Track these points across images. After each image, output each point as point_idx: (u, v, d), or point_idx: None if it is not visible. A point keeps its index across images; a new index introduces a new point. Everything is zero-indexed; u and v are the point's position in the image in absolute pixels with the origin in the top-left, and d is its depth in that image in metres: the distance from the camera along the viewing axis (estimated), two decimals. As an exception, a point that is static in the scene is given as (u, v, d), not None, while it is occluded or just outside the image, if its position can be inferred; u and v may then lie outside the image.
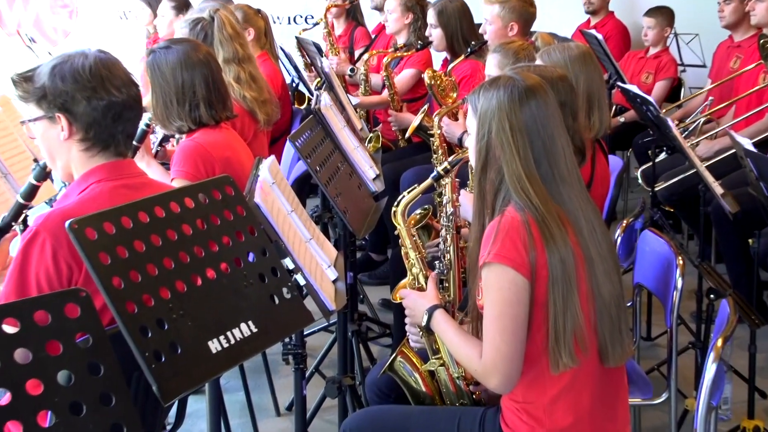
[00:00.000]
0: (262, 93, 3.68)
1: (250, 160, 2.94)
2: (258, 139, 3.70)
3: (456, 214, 2.45)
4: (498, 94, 2.00)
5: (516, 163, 1.97)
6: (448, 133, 3.85)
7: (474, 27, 4.44)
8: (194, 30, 3.58)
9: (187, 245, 1.68)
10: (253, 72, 3.65)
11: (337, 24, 5.98)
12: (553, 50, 2.80)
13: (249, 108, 3.61)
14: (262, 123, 3.66)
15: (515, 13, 4.05)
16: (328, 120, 3.18)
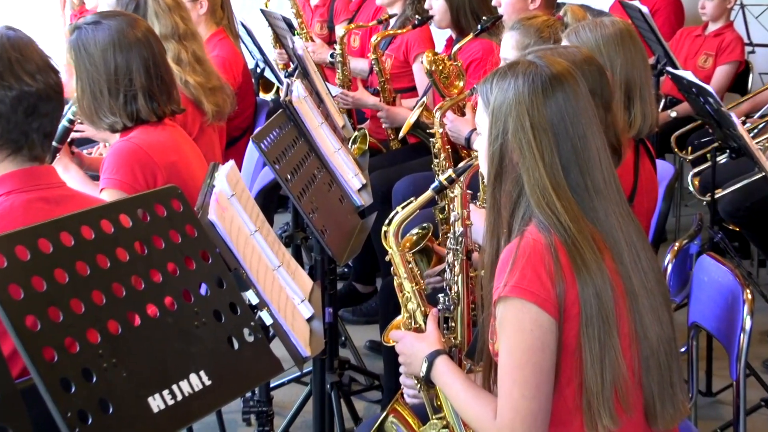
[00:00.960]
0: (209, 78, 3.71)
1: (202, 167, 2.96)
2: (205, 137, 3.72)
3: (467, 236, 2.47)
4: (516, 84, 2.02)
5: (539, 170, 1.99)
6: (453, 131, 3.87)
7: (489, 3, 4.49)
8: (122, 0, 3.62)
9: (123, 275, 1.69)
10: (197, 52, 3.69)
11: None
12: (583, 28, 2.83)
13: (193, 97, 3.64)
14: (210, 116, 3.69)
15: None
16: (301, 115, 3.20)
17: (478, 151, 2.16)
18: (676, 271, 3.05)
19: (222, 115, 3.78)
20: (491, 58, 4.20)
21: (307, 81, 3.74)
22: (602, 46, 2.78)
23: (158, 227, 1.80)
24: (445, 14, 4.50)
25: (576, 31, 2.85)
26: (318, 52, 5.37)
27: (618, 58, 2.77)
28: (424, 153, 4.31)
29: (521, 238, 1.99)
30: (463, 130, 3.88)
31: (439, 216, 3.51)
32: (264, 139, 2.84)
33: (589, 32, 2.81)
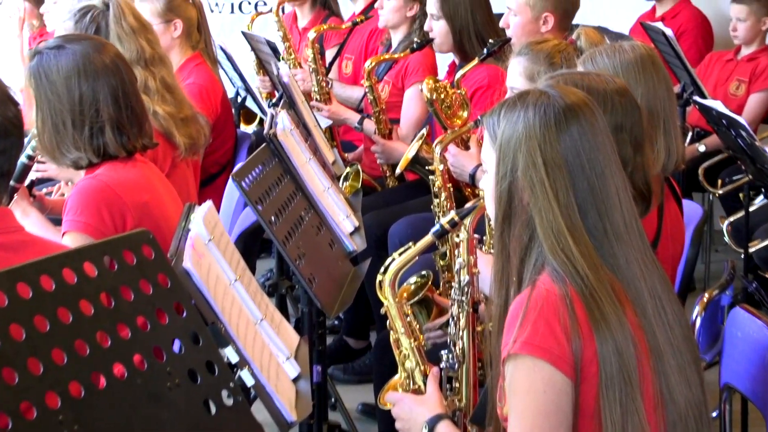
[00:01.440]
0: (180, 107, 3.73)
1: (177, 208, 2.97)
2: (178, 173, 3.73)
3: (473, 285, 2.47)
4: (526, 116, 2.04)
5: (553, 211, 2.00)
6: (456, 167, 3.89)
7: (492, 19, 4.54)
8: (81, 23, 3.64)
9: (86, 330, 1.69)
10: (166, 78, 3.71)
11: (300, 13, 6.11)
12: (600, 54, 2.85)
13: (163, 128, 3.65)
14: (182, 149, 3.71)
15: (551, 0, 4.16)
16: (287, 150, 3.22)
17: (484, 191, 2.17)
18: (705, 326, 3.05)
19: (196, 148, 3.79)
20: (498, 86, 4.22)
21: (294, 112, 3.77)
22: (621, 73, 2.78)
23: (127, 276, 1.80)
24: (447, 37, 4.53)
25: (592, 57, 2.86)
26: (306, 80, 5.41)
27: (639, 86, 2.77)
28: (423, 192, 4.31)
29: (533, 287, 1.99)
30: (467, 165, 3.89)
31: (440, 263, 3.52)
32: (245, 176, 2.85)
33: (606, 58, 2.83)
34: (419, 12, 5.04)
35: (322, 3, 6.06)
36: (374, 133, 4.78)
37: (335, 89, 5.34)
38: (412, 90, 4.95)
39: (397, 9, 5.07)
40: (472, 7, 4.49)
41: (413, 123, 4.88)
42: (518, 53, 3.36)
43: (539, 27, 4.15)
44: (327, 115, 5.05)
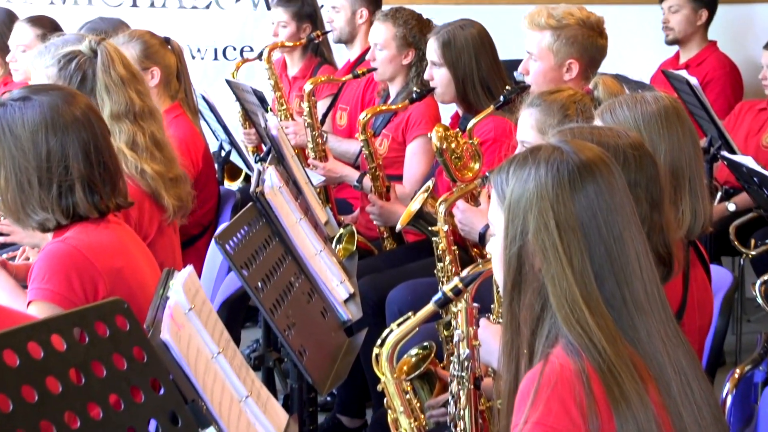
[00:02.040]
0: (170, 166, 3.74)
1: (154, 274, 2.97)
2: (164, 239, 3.74)
3: (474, 359, 2.48)
4: (537, 174, 2.06)
5: (567, 279, 2.01)
6: (465, 225, 3.91)
7: (498, 65, 4.58)
8: (66, 70, 3.63)
9: (53, 410, 1.68)
10: (156, 134, 3.72)
11: (290, 60, 6.19)
12: (620, 105, 2.86)
13: (151, 189, 3.66)
14: (170, 212, 3.71)
15: (577, 46, 4.18)
16: (275, 209, 3.23)
17: (492, 255, 2.18)
18: (737, 405, 3.04)
19: (184, 211, 3.80)
20: (506, 140, 4.24)
21: (283, 168, 3.78)
22: (643, 126, 2.78)
23: (99, 350, 1.80)
24: (449, 86, 4.55)
25: (611, 109, 2.87)
26: (300, 134, 5.45)
27: (662, 141, 2.77)
28: (425, 254, 4.32)
29: (545, 362, 2.00)
30: (476, 224, 3.91)
31: (444, 333, 3.51)
32: (229, 238, 2.86)
33: (626, 110, 2.83)
34: (415, 58, 5.11)
35: (314, 50, 6.14)
36: (371, 193, 4.77)
37: (330, 143, 5.39)
38: (416, 143, 4.99)
39: (391, 59, 5.14)
40: (476, 53, 4.52)
41: (417, 179, 4.91)
42: (530, 104, 3.38)
43: (562, 75, 4.17)
44: (323, 173, 5.10)
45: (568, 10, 4.21)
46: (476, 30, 4.56)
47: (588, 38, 4.18)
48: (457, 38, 4.52)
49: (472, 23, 4.60)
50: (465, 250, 4.01)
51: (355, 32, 5.90)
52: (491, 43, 4.59)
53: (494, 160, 4.19)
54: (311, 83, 5.28)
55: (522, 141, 3.36)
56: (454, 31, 4.54)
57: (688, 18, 6.28)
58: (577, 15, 4.20)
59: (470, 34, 4.53)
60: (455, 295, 2.41)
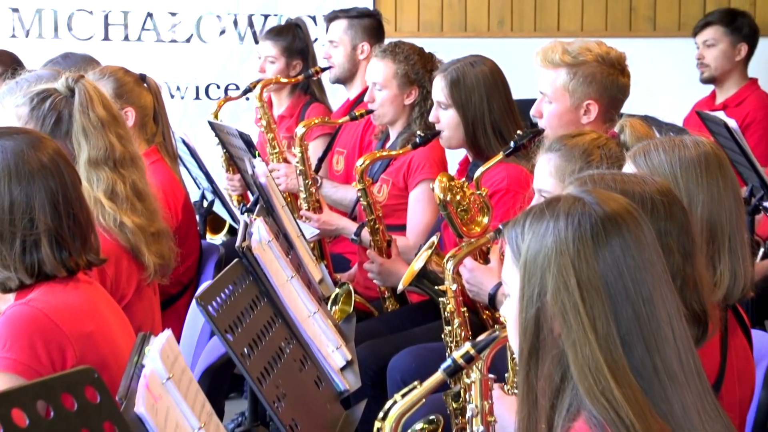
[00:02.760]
0: (153, 219, 3.74)
1: (129, 339, 2.96)
2: (143, 302, 3.73)
3: (488, 435, 2.47)
4: (556, 228, 2.06)
5: (590, 345, 2.00)
6: (473, 285, 3.91)
7: (512, 107, 4.57)
8: (39, 110, 3.62)
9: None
10: (137, 183, 3.72)
11: (277, 99, 6.24)
12: (655, 148, 2.84)
13: (130, 244, 3.65)
14: (151, 272, 3.71)
15: (595, 85, 4.14)
16: (263, 266, 3.24)
17: (506, 319, 2.18)
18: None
19: (166, 270, 3.80)
20: (520, 190, 4.20)
21: (272, 219, 3.79)
22: (680, 173, 2.77)
23: (65, 425, 1.80)
24: (458, 130, 4.53)
25: (646, 153, 2.85)
26: (289, 176, 5.47)
27: (700, 192, 2.76)
28: (431, 317, 4.32)
29: (567, 437, 2.00)
30: (486, 283, 3.91)
31: (452, 405, 3.51)
32: (212, 299, 2.86)
33: (662, 153, 2.81)
34: (418, 98, 5.14)
35: (303, 87, 6.19)
36: (370, 248, 4.77)
37: (325, 189, 5.41)
38: (419, 190, 4.99)
39: (392, 99, 5.16)
40: (488, 93, 4.51)
41: (421, 230, 4.92)
42: (548, 149, 3.39)
43: (579, 117, 4.13)
44: (317, 225, 5.12)
45: (585, 45, 4.17)
46: (488, 67, 4.56)
47: (608, 76, 4.15)
48: (467, 77, 4.52)
49: (484, 60, 4.61)
50: (476, 313, 4.00)
51: (356, 69, 5.94)
52: (504, 82, 4.58)
53: (507, 212, 4.16)
54: (304, 126, 5.30)
55: (539, 190, 3.37)
56: (464, 68, 4.54)
57: (726, 53, 6.26)
58: (595, 51, 4.16)
59: (481, 72, 4.53)
60: (466, 362, 2.41)
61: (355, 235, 4.96)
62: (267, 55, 6.14)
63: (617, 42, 4.40)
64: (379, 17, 6.12)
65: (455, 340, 3.66)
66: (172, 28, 7.25)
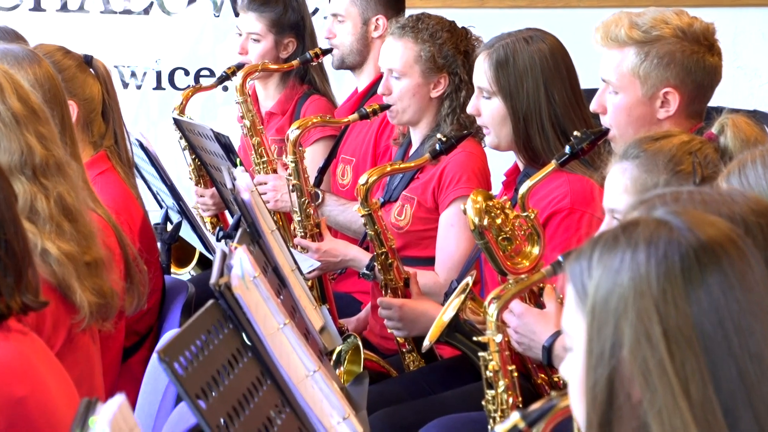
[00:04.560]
0: (88, 245, 3.74)
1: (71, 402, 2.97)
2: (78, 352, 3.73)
3: None
4: (635, 261, 2.07)
5: (681, 415, 2.01)
6: (523, 336, 3.90)
7: (579, 98, 4.52)
8: None
9: None
10: (66, 198, 3.72)
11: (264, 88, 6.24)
12: (753, 162, 2.82)
13: (56, 279, 3.66)
14: (85, 314, 3.71)
15: (676, 67, 4.09)
16: (247, 310, 3.24)
17: (569, 380, 2.19)
18: None
19: (107, 313, 3.79)
20: (589, 210, 4.20)
21: (259, 248, 3.80)
22: None
23: None
24: (504, 126, 4.44)
25: (742, 168, 2.83)
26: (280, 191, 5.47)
27: None
28: (467, 377, 4.33)
29: None
30: (539, 333, 3.90)
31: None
32: (179, 354, 2.87)
33: (761, 169, 2.84)
34: (449, 88, 5.11)
35: (298, 75, 6.19)
36: (381, 288, 4.75)
37: (329, 208, 5.39)
38: (452, 211, 4.94)
39: (414, 91, 5.11)
40: (547, 79, 4.41)
41: (453, 264, 4.91)
42: (623, 156, 3.38)
43: (654, 111, 4.07)
44: (317, 256, 5.08)
45: (660, 15, 4.10)
46: (548, 45, 4.48)
47: (691, 55, 4.07)
48: (519, 56, 4.44)
49: (543, 35, 4.54)
50: (527, 373, 4.00)
51: (367, 51, 5.95)
52: (570, 65, 4.51)
53: (569, 239, 4.16)
54: (298, 127, 5.22)
55: (611, 210, 3.36)
56: (515, 45, 4.45)
57: None
58: (673, 22, 4.07)
59: (538, 51, 4.44)
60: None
61: (367, 269, 4.89)
62: (250, 32, 6.13)
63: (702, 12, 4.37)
64: None
65: (500, 408, 3.66)
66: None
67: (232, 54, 6.36)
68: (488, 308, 3.74)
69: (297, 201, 5.24)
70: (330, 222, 5.35)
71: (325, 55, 5.99)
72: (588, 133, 4.14)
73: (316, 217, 5.23)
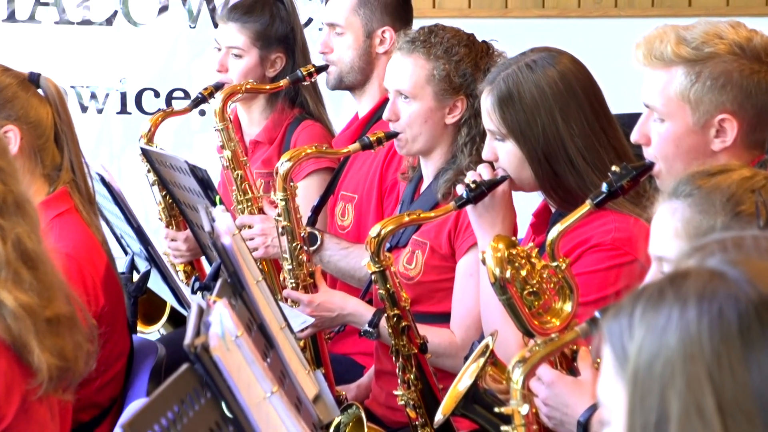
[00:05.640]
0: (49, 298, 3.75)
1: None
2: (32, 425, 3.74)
3: None
4: (684, 320, 2.07)
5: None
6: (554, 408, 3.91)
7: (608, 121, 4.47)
8: None
9: None
10: (26, 242, 3.73)
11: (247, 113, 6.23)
12: None
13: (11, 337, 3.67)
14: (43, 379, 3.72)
15: (733, 90, 4.01)
16: (227, 376, 3.25)
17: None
18: None
19: (69, 379, 3.80)
20: (631, 256, 4.22)
21: (241, 302, 3.82)
22: None
23: None
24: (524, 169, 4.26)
25: None
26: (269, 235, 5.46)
27: None
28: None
29: None
30: (573, 407, 3.91)
31: None
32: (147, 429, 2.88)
33: None
34: (467, 112, 5.09)
35: (289, 97, 6.19)
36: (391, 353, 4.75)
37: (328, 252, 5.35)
38: (471, 259, 4.91)
39: (426, 115, 5.10)
40: (562, 107, 4.38)
41: (472, 321, 4.91)
42: (672, 194, 3.37)
43: (708, 142, 4.05)
44: (311, 311, 5.05)
45: (713, 28, 4.05)
46: (557, 69, 4.43)
47: (751, 75, 4.01)
48: (524, 87, 4.40)
49: (551, 56, 4.50)
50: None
51: (370, 69, 5.94)
52: (587, 84, 4.48)
53: (606, 278, 4.18)
54: (289, 159, 5.19)
55: (658, 258, 3.36)
56: (518, 75, 4.42)
57: None
58: (729, 37, 4.01)
59: (546, 77, 4.40)
60: None
61: (369, 325, 4.88)
62: (231, 46, 6.13)
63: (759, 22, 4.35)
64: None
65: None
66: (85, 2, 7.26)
67: (209, 72, 6.31)
68: (512, 374, 3.72)
69: (288, 245, 5.21)
70: (329, 268, 5.32)
71: (319, 73, 5.97)
72: (629, 168, 4.09)
73: (310, 265, 5.18)
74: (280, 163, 5.25)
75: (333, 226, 5.77)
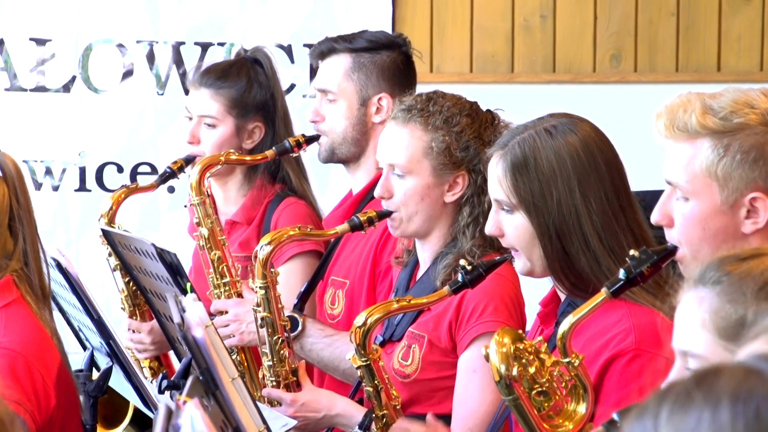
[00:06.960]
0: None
1: None
2: None
3: None
4: (717, 423, 2.07)
5: None
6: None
7: (631, 201, 4.48)
8: None
9: None
10: None
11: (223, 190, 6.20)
12: None
13: None
14: None
15: (765, 165, 4.00)
16: None
17: None
18: None
19: None
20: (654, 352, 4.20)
21: (215, 403, 3.82)
22: None
23: None
24: (535, 246, 4.28)
25: None
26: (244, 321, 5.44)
27: None
28: None
29: None
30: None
31: None
32: None
33: None
34: (469, 189, 5.08)
35: (270, 171, 6.17)
36: None
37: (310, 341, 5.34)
38: (474, 354, 4.91)
39: (423, 192, 5.09)
40: (581, 180, 4.38)
41: (477, 423, 4.93)
42: (699, 281, 3.36)
43: (738, 223, 4.02)
44: (293, 412, 5.04)
45: (743, 97, 4.01)
46: (580, 135, 4.42)
47: None
48: (542, 154, 4.37)
49: (573, 123, 4.48)
50: None
51: (366, 140, 5.94)
52: (610, 158, 4.46)
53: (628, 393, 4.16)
54: (270, 242, 5.18)
55: (684, 353, 3.35)
56: (535, 140, 4.40)
57: None
58: (761, 105, 3.96)
59: (567, 145, 4.38)
60: None
61: (360, 428, 4.88)
62: (203, 114, 6.12)
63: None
64: (407, 49, 6.06)
65: None
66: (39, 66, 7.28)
67: (179, 144, 6.29)
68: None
69: (268, 338, 5.20)
70: (311, 357, 5.29)
71: (309, 144, 5.94)
72: (649, 252, 4.06)
73: (293, 360, 5.16)
74: (259, 246, 5.22)
75: (322, 314, 5.74)
